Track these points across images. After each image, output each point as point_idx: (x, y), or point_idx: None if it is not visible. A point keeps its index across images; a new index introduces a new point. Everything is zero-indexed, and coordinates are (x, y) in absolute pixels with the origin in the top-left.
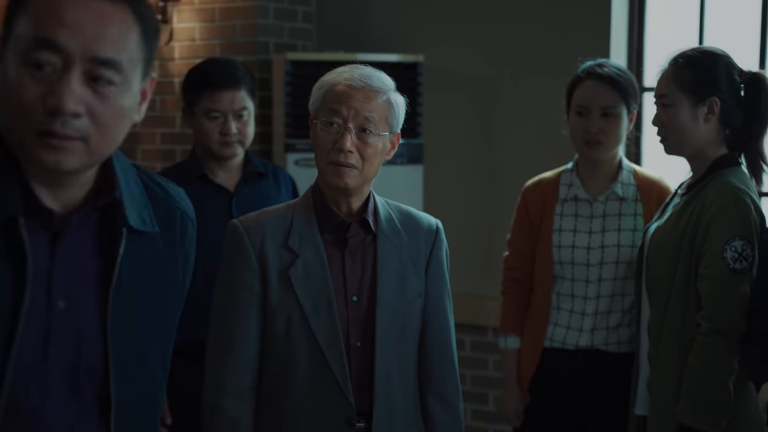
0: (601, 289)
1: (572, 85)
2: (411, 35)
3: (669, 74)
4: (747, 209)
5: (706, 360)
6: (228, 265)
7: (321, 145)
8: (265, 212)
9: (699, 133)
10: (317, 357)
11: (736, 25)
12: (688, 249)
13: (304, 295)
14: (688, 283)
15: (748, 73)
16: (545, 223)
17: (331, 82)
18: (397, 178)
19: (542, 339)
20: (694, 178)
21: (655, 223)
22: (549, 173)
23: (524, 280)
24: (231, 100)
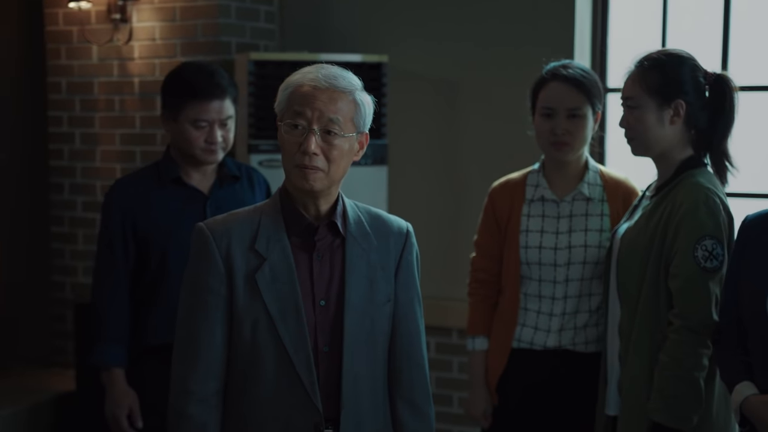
0: (569, 289)
1: (537, 86)
2: (375, 35)
3: (635, 76)
4: (717, 209)
5: (678, 357)
6: (193, 270)
7: (286, 147)
8: (232, 215)
9: (665, 135)
10: (284, 363)
11: (699, 26)
12: (659, 249)
13: (271, 299)
14: (658, 283)
15: (713, 74)
16: (512, 224)
17: (296, 83)
18: (361, 179)
19: (510, 340)
20: (661, 180)
21: (625, 224)
22: (516, 174)
23: (491, 281)
24: (218, 109)
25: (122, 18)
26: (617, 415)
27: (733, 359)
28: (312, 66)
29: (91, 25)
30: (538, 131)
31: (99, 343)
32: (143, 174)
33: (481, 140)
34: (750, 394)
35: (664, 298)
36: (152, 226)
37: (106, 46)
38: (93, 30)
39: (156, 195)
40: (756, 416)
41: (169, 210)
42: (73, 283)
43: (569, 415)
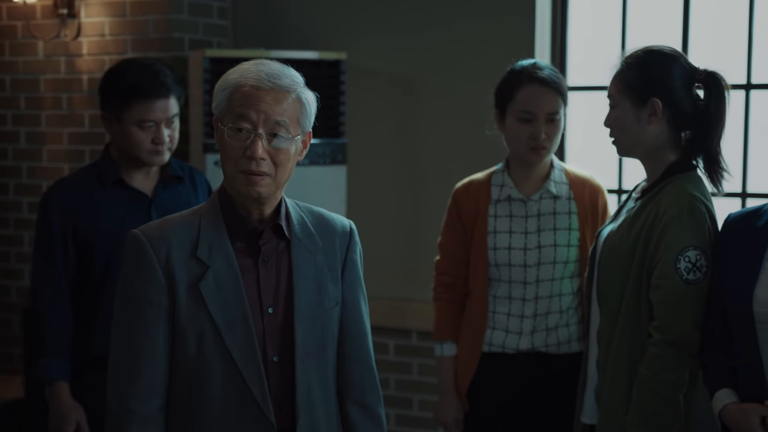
0: (539, 290)
1: (509, 86)
2: (332, 32)
3: (616, 75)
4: (702, 218)
5: (657, 372)
6: (130, 280)
7: (229, 152)
8: (168, 220)
9: (645, 135)
10: (233, 376)
11: (659, 24)
12: (641, 256)
13: (217, 309)
14: (639, 292)
15: (703, 72)
16: (479, 226)
17: (236, 83)
18: (319, 179)
19: (480, 344)
20: (648, 182)
21: (609, 226)
22: (479, 174)
23: (458, 284)
24: (164, 108)
25: (70, 13)
26: (594, 425)
27: (718, 364)
28: (249, 63)
29: (37, 20)
30: (513, 135)
31: (41, 357)
32: (82, 176)
33: (442, 139)
34: (728, 402)
35: (645, 309)
36: (95, 231)
37: (53, 41)
38: (39, 25)
39: (98, 198)
40: (733, 424)
41: (113, 214)
42: (19, 287)
43: (543, 418)
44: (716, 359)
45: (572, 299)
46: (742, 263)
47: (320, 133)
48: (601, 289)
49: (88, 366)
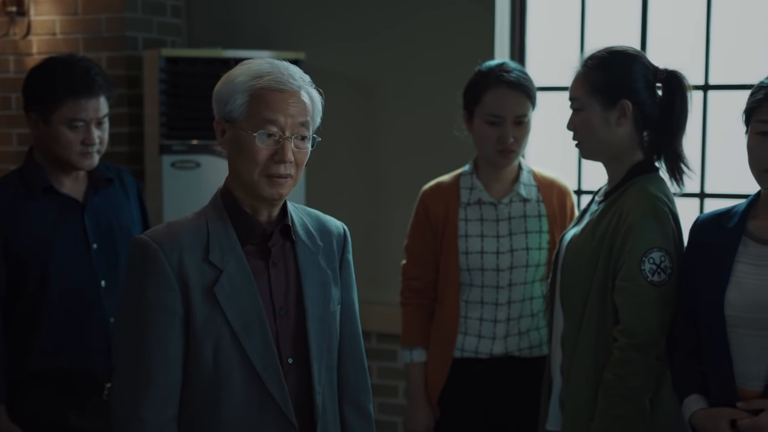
0: (512, 294)
1: (477, 88)
2: (290, 31)
3: (580, 77)
4: (665, 219)
5: (623, 376)
6: (141, 287)
7: (256, 157)
8: (175, 224)
9: (613, 138)
10: (253, 380)
11: (617, 24)
12: (605, 259)
13: (234, 313)
14: (604, 295)
15: (664, 71)
16: (449, 229)
17: (256, 86)
18: None
19: (451, 350)
20: (611, 185)
21: (572, 230)
22: (446, 177)
23: (426, 289)
24: (95, 108)
25: (19, 11)
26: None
27: (688, 369)
28: (256, 62)
29: None
30: (481, 137)
31: None
32: (7, 184)
33: (403, 140)
34: (697, 408)
35: (610, 312)
36: (28, 242)
37: (2, 40)
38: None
39: (29, 207)
40: (703, 430)
41: (44, 223)
42: None
43: (516, 424)
44: (685, 364)
45: (542, 302)
46: (712, 266)
47: None
48: (564, 294)
49: (28, 382)
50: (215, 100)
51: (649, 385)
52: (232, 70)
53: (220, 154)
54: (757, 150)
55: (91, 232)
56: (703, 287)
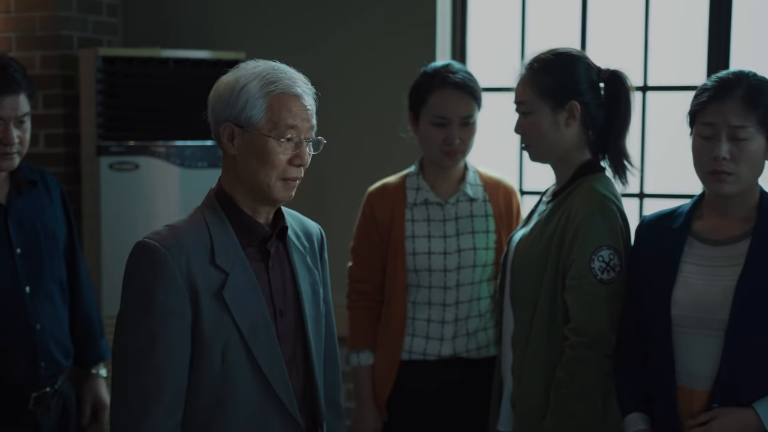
0: (460, 294)
1: (423, 90)
2: (230, 30)
3: (526, 80)
4: (613, 217)
5: (574, 375)
6: (149, 293)
7: (275, 162)
8: (177, 228)
9: (562, 139)
10: (260, 382)
11: (557, 24)
12: (555, 259)
13: (241, 316)
14: (554, 295)
15: (607, 71)
16: (396, 230)
17: (275, 91)
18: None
19: (399, 352)
20: (559, 185)
21: (520, 231)
22: (392, 178)
23: (373, 291)
24: (14, 106)
25: None
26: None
27: (632, 382)
28: (263, 65)
29: None
30: (427, 139)
31: None
32: None
33: (344, 140)
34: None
35: (560, 312)
36: None
37: None
38: None
39: None
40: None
41: None
42: None
43: (465, 425)
44: (630, 376)
45: (489, 303)
46: (659, 266)
47: None
48: (514, 295)
49: None
50: (219, 103)
51: (600, 383)
52: (234, 73)
53: (160, 155)
54: (701, 152)
55: (15, 236)
56: (649, 287)
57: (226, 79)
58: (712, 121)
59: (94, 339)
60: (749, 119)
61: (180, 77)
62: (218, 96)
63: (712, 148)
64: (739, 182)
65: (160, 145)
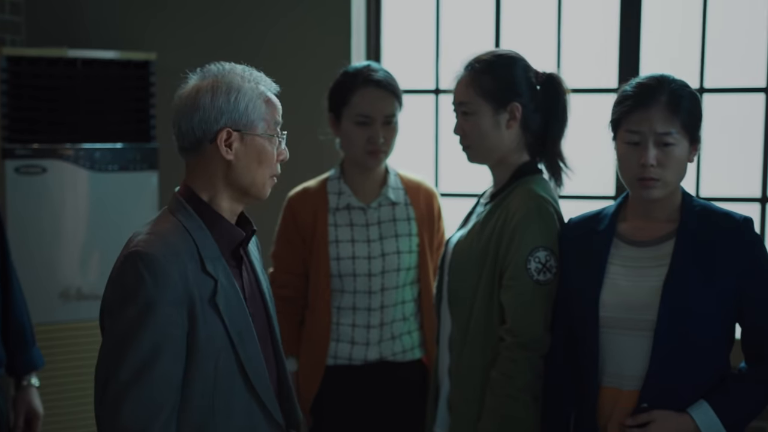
0: (385, 298)
1: (345, 90)
2: (140, 31)
3: (467, 81)
4: (550, 219)
5: (509, 375)
6: (150, 304)
7: (272, 160)
8: (164, 235)
9: (503, 141)
10: (247, 387)
11: (472, 25)
12: (492, 260)
13: (231, 323)
14: (491, 296)
15: (543, 74)
16: (319, 235)
17: (266, 92)
18: (130, 186)
19: (324, 357)
20: (497, 187)
21: (458, 232)
22: (312, 182)
23: (296, 297)
24: None
25: None
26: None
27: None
28: (239, 67)
29: None
30: (350, 139)
31: None
32: None
33: None
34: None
35: (496, 313)
36: None
37: None
38: None
39: None
40: None
41: None
42: None
43: (395, 428)
44: (556, 398)
45: (414, 306)
46: (586, 268)
47: (130, 137)
48: (452, 296)
49: None
50: (211, 111)
51: (535, 384)
52: (223, 76)
53: (68, 158)
54: (628, 159)
55: None
56: (577, 289)
57: (205, 85)
58: (637, 129)
59: (27, 348)
60: (674, 125)
61: (88, 78)
62: (207, 104)
63: (639, 155)
64: (666, 187)
65: (68, 147)
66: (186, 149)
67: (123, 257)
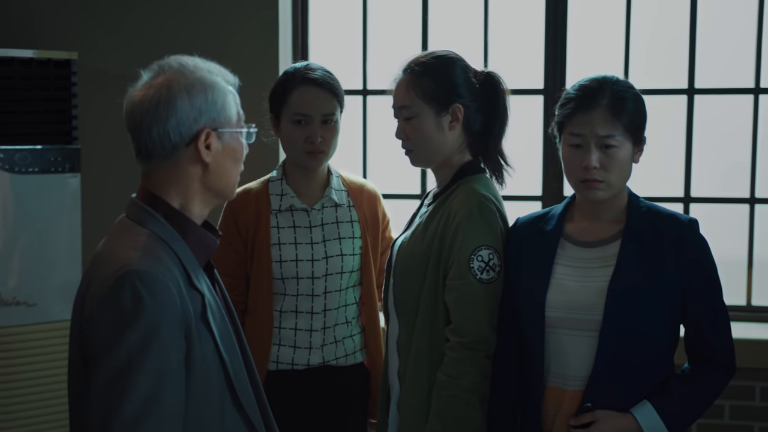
0: (328, 302)
1: (283, 89)
2: (61, 29)
3: (406, 84)
4: (492, 217)
5: (454, 376)
6: (153, 328)
7: (241, 156)
8: (150, 249)
9: (445, 143)
10: (236, 407)
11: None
12: (436, 260)
13: (221, 339)
14: (436, 297)
15: (482, 73)
16: (261, 237)
17: (232, 84)
18: (51, 188)
19: (266, 362)
20: (439, 187)
21: (402, 235)
22: (254, 183)
23: (237, 301)
24: None
25: None
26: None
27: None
28: (199, 60)
29: None
30: (289, 138)
31: None
32: None
33: None
34: None
35: (441, 313)
36: None
37: None
38: None
39: None
40: None
41: None
42: None
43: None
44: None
45: (356, 309)
46: (533, 268)
47: (51, 138)
48: (398, 298)
49: None
50: (197, 111)
51: (481, 384)
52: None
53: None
54: (571, 161)
55: None
56: (524, 289)
57: (174, 84)
58: (580, 132)
59: None
60: (616, 127)
61: (6, 78)
62: (185, 105)
63: (582, 157)
64: (609, 188)
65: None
66: (154, 156)
67: (115, 278)
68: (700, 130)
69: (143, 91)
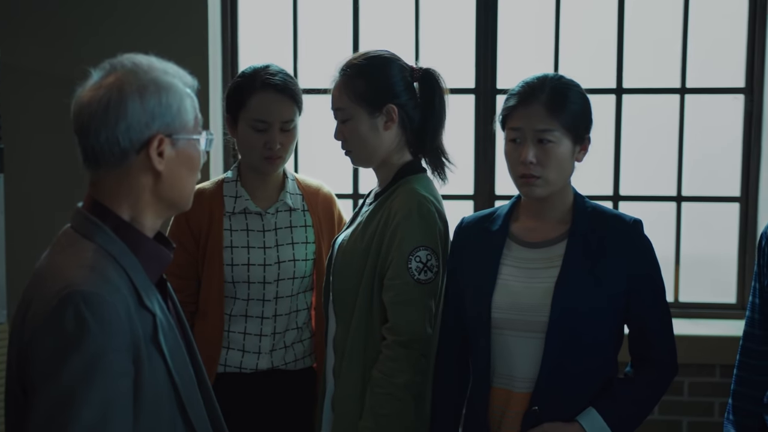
0: (279, 307)
1: (241, 92)
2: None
3: (341, 86)
4: (431, 218)
5: (389, 374)
6: (98, 354)
7: (197, 165)
8: (98, 268)
9: (382, 143)
10: (186, 424)
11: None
12: (374, 260)
13: (172, 361)
14: (372, 295)
15: (419, 70)
16: (213, 239)
17: (192, 85)
18: None
19: (215, 365)
20: (381, 186)
21: (343, 233)
22: (208, 184)
23: (187, 302)
24: None
25: None
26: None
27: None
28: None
29: None
30: (246, 143)
31: None
32: None
33: None
34: None
35: (378, 312)
36: None
37: None
38: None
39: None
40: None
41: None
42: None
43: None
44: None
45: (306, 314)
46: (479, 268)
47: None
48: (336, 296)
49: None
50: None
51: (414, 383)
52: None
53: None
54: (511, 156)
55: None
56: (470, 290)
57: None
58: (518, 126)
59: None
60: (553, 123)
61: None
62: (137, 108)
63: (520, 152)
64: (547, 185)
65: None
66: (101, 163)
67: (58, 299)
68: (628, 129)
69: (92, 92)
